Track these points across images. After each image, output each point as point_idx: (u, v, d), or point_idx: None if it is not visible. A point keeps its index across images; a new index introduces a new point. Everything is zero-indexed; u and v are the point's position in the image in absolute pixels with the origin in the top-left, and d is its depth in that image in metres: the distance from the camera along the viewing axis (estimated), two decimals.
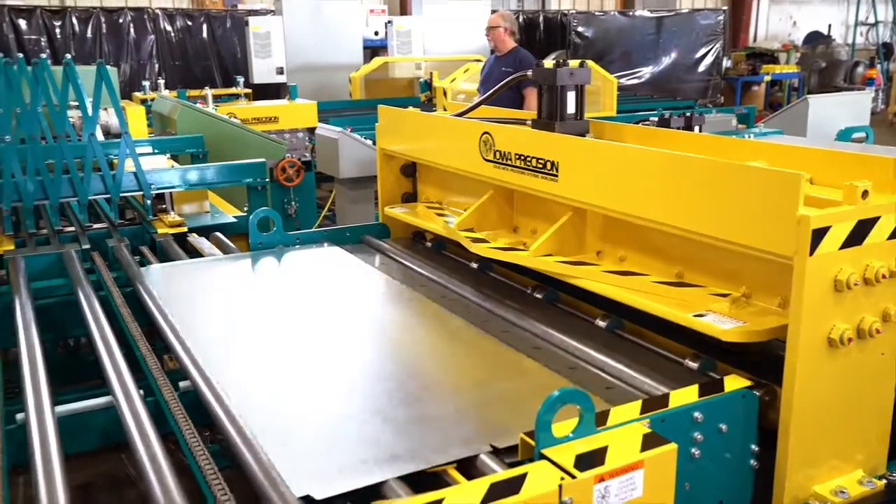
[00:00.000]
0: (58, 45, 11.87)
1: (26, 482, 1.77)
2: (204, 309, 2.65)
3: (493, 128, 2.75)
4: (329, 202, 6.72)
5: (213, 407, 1.85)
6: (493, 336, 2.32)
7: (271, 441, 1.67)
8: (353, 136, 5.67)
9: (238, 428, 1.71)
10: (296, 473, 1.54)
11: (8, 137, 3.40)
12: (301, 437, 1.75)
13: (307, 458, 1.65)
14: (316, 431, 1.77)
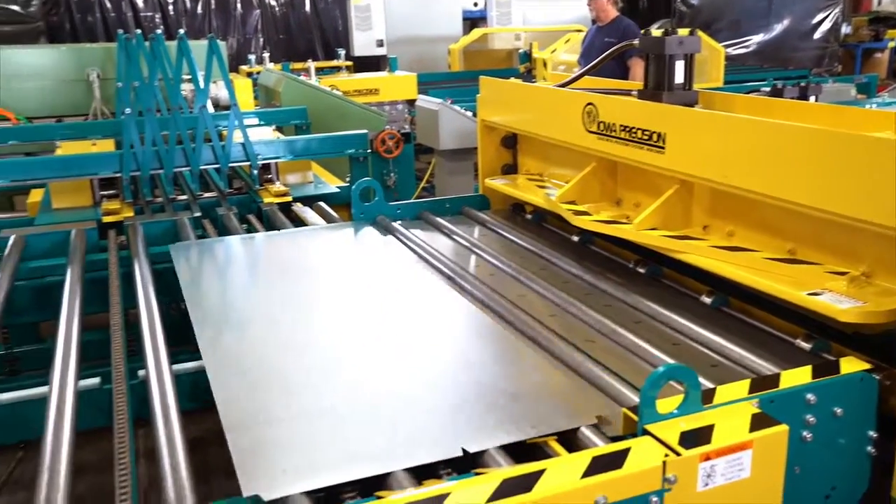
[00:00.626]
0: (170, 22, 12.32)
1: (146, 434, 1.88)
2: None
3: (598, 98, 2.69)
4: (427, 174, 6.77)
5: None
6: (596, 310, 2.29)
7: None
8: (454, 108, 5.67)
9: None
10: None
11: (128, 110, 3.57)
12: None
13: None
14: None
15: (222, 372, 1.90)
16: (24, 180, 3.59)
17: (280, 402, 1.76)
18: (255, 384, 1.85)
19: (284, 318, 2.29)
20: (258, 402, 1.76)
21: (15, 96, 5.66)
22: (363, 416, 1.69)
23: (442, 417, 1.68)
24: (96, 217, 3.37)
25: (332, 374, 1.90)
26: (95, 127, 4.96)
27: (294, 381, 1.87)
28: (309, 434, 1.62)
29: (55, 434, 1.63)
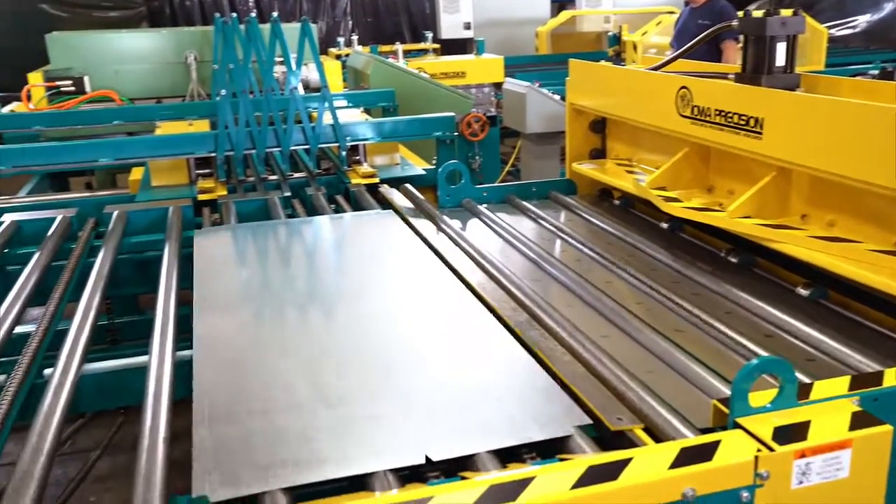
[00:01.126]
0: (263, 6, 12.58)
1: None
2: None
3: (692, 82, 2.62)
4: (512, 157, 6.73)
5: None
6: (685, 299, 2.23)
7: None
8: (541, 91, 5.62)
9: None
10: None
11: (223, 92, 3.67)
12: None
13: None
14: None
15: (208, 361, 1.88)
16: (126, 159, 3.74)
17: (258, 397, 1.70)
18: (238, 376, 1.81)
19: (292, 310, 2.22)
20: (235, 396, 1.71)
21: (120, 78, 5.90)
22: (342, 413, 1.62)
23: (422, 420, 1.60)
24: (192, 195, 3.48)
25: (325, 371, 1.82)
26: (192, 108, 5.13)
27: (281, 376, 1.79)
28: (279, 432, 1.56)
29: (154, 402, 1.70)
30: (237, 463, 1.46)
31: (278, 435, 1.55)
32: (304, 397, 1.70)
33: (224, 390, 1.74)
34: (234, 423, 1.60)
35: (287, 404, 1.67)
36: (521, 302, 2.21)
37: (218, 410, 1.65)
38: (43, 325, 2.23)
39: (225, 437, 1.55)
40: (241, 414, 1.64)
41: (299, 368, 1.84)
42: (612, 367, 1.80)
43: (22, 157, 3.61)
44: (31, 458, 1.50)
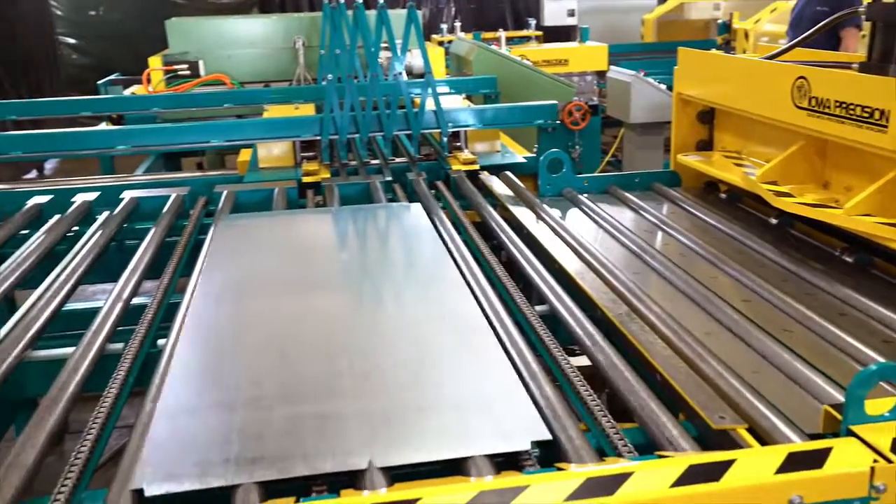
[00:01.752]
0: None
1: None
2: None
3: (811, 72, 2.50)
4: (613, 147, 6.61)
5: (502, 337, 1.93)
6: (795, 299, 2.15)
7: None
8: (646, 80, 5.49)
9: (526, 362, 1.77)
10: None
11: (329, 76, 3.74)
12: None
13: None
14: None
15: (190, 349, 1.87)
16: (235, 140, 3.87)
17: (225, 390, 1.66)
18: (212, 366, 1.80)
19: (286, 302, 2.16)
20: (201, 388, 1.69)
21: (232, 62, 6.11)
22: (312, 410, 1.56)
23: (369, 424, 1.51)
24: (297, 177, 3.57)
25: (304, 365, 1.77)
26: (298, 92, 5.27)
27: (252, 371, 1.75)
28: (237, 427, 1.51)
29: None
30: (180, 458, 1.42)
31: (230, 431, 1.50)
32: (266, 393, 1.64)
33: (193, 383, 1.72)
34: (192, 415, 1.57)
35: (249, 399, 1.62)
36: (621, 294, 2.17)
37: (180, 401, 1.63)
38: (157, 298, 2.34)
39: (180, 428, 1.52)
40: (202, 407, 1.60)
41: (273, 362, 1.79)
42: (716, 364, 1.75)
43: (141, 138, 3.80)
44: (146, 421, 1.58)
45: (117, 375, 1.85)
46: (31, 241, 2.85)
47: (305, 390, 1.66)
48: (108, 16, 11.48)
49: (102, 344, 2.02)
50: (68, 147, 3.77)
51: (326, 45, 4.01)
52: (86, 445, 1.53)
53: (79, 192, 3.45)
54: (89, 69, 10.85)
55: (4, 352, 1.95)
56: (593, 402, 1.65)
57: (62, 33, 11.48)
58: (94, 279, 2.90)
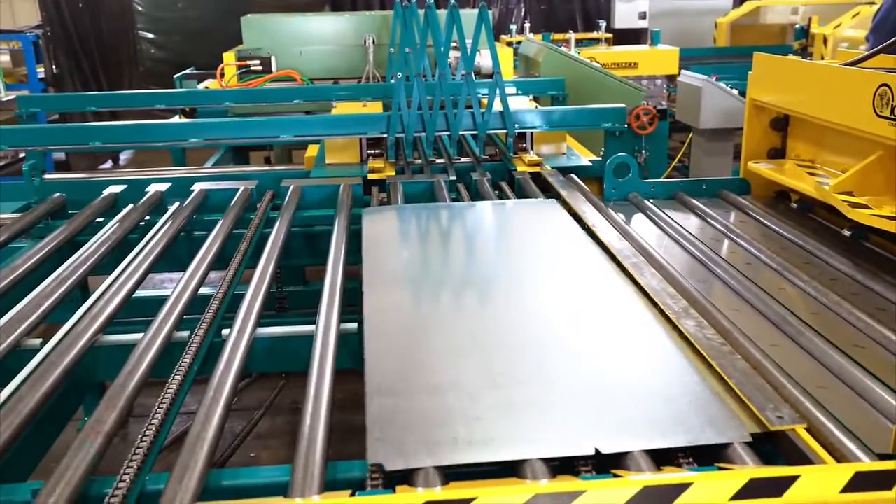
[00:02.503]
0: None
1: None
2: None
3: (894, 79, 2.41)
4: (680, 153, 6.50)
5: None
6: (867, 313, 2.07)
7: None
8: (718, 85, 5.38)
9: None
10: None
11: (399, 74, 3.77)
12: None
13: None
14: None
15: (379, 335, 1.92)
16: (303, 136, 3.93)
17: (426, 374, 1.73)
18: (407, 352, 1.85)
19: (452, 291, 2.26)
20: (406, 371, 1.75)
21: (303, 59, 6.21)
22: (508, 397, 1.62)
23: (584, 411, 1.57)
24: (362, 174, 3.61)
25: (484, 350, 1.84)
26: (367, 90, 5.32)
27: (445, 355, 1.83)
28: (446, 409, 1.59)
29: (319, 369, 1.79)
30: (405, 436, 1.49)
31: (444, 412, 1.57)
32: (468, 377, 1.71)
33: (393, 364, 1.78)
34: (401, 396, 1.64)
35: (452, 383, 1.69)
36: (687, 301, 2.13)
37: (387, 383, 1.69)
38: (223, 289, 2.40)
39: (394, 409, 1.59)
40: (408, 388, 1.68)
41: (462, 348, 1.86)
42: (780, 376, 1.70)
43: (212, 131, 3.89)
44: (210, 408, 1.62)
45: (182, 363, 1.90)
46: (105, 230, 2.95)
47: (506, 378, 1.71)
48: (186, 12, 11.79)
49: (169, 332, 2.07)
50: (142, 139, 3.89)
51: (396, 43, 4.05)
52: (151, 430, 1.58)
53: (152, 183, 3.56)
54: (166, 63, 11.16)
55: (77, 336, 2.02)
56: None
57: (142, 28, 11.84)
58: (163, 268, 2.99)
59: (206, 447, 1.48)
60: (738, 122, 3.49)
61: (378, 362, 1.78)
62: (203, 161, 5.34)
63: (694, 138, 5.87)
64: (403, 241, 2.73)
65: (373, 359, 1.80)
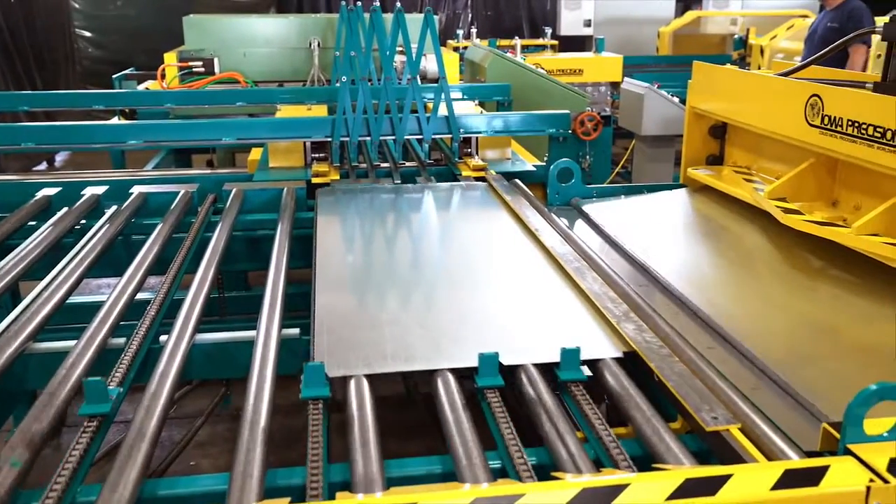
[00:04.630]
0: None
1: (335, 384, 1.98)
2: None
3: (825, 90, 2.49)
4: (623, 159, 6.60)
5: None
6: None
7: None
8: (660, 93, 5.48)
9: (527, 370, 1.77)
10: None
11: (344, 78, 3.75)
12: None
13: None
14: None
15: (327, 287, 2.31)
16: (246, 139, 3.88)
17: (367, 314, 2.15)
18: (352, 298, 2.27)
19: (391, 253, 2.74)
20: (349, 313, 2.14)
21: (247, 61, 6.12)
22: (429, 329, 2.04)
23: (489, 340, 1.96)
24: (306, 178, 3.58)
25: (416, 299, 2.29)
26: (311, 93, 5.28)
27: (385, 300, 2.27)
28: (381, 338, 1.97)
29: (259, 376, 1.76)
30: (347, 356, 1.86)
31: (380, 340, 1.96)
32: (402, 317, 2.12)
33: (339, 307, 2.17)
34: (346, 330, 2.02)
35: (388, 320, 2.08)
36: (628, 305, 2.16)
37: (333, 321, 2.06)
38: (161, 294, 2.35)
39: (338, 339, 1.96)
40: (351, 324, 2.06)
41: (399, 296, 2.31)
42: (716, 378, 1.74)
43: (153, 133, 3.81)
44: (145, 417, 1.59)
45: (118, 370, 1.85)
46: (38, 233, 2.86)
47: (431, 317, 2.13)
48: (125, 10, 11.55)
49: (104, 338, 2.02)
50: (80, 140, 3.79)
51: (342, 46, 4.02)
52: (84, 439, 1.53)
53: (88, 186, 3.46)
54: (105, 63, 10.93)
55: (6, 343, 1.96)
56: (592, 411, 1.65)
57: (79, 26, 11.56)
58: (100, 273, 2.91)
59: (140, 456, 1.45)
60: (679, 129, 3.57)
61: (324, 307, 2.15)
62: (143, 164, 5.23)
63: (636, 145, 5.97)
64: (353, 214, 3.04)
65: (321, 304, 2.16)
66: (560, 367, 1.79)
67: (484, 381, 1.74)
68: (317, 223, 2.89)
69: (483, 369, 1.75)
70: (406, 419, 3.70)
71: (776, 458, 1.45)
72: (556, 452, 1.50)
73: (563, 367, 1.79)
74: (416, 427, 3.61)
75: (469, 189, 3.45)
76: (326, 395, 1.69)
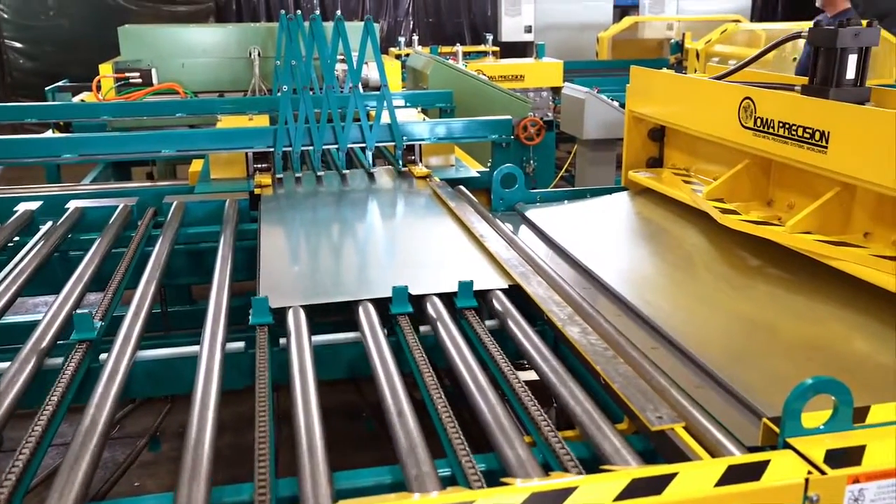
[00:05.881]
0: (327, 3, 12.76)
1: (281, 398, 1.97)
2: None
3: (756, 93, 2.56)
4: (567, 163, 6.69)
5: (450, 352, 1.94)
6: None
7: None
8: (600, 97, 5.57)
9: (475, 377, 1.78)
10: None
11: (285, 87, 3.72)
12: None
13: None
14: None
15: (270, 253, 2.70)
16: (187, 151, 3.82)
17: (306, 265, 2.65)
18: (292, 253, 2.76)
19: (328, 224, 3.13)
20: (286, 268, 2.60)
21: (185, 71, 6.03)
22: (353, 274, 2.59)
23: (402, 277, 2.37)
24: (249, 188, 3.54)
25: (347, 254, 2.82)
26: (253, 103, 5.22)
27: (321, 255, 2.78)
28: (318, 279, 2.49)
29: (204, 392, 1.73)
30: (287, 291, 2.31)
31: (316, 281, 2.47)
32: (335, 266, 2.65)
33: (279, 267, 2.58)
34: (287, 275, 2.51)
35: (325, 270, 2.60)
36: (573, 308, 2.19)
37: (277, 267, 2.56)
38: (101, 311, 2.29)
39: (280, 280, 2.44)
40: (293, 271, 2.58)
41: (337, 253, 2.81)
42: (660, 378, 1.77)
43: (89, 146, 3.72)
44: (84, 439, 1.54)
45: (55, 391, 1.79)
46: None
47: (357, 266, 2.70)
48: (57, 20, 11.26)
49: (40, 358, 1.96)
50: (12, 154, 3.68)
51: (282, 55, 3.99)
52: (18, 464, 1.48)
53: (21, 202, 3.36)
54: (37, 75, 10.64)
55: None
56: (539, 415, 1.66)
57: (9, 37, 11.23)
58: (35, 291, 2.83)
59: (79, 479, 1.41)
60: (620, 132, 3.63)
61: (269, 259, 2.61)
62: (81, 179, 5.10)
63: (579, 149, 6.06)
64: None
65: (266, 259, 2.61)
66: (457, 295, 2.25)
67: (396, 308, 2.19)
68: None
69: (396, 299, 2.21)
70: (356, 431, 3.68)
71: (720, 454, 1.48)
72: (505, 458, 1.51)
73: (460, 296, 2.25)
74: (366, 439, 3.60)
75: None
76: (271, 322, 2.10)
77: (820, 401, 1.40)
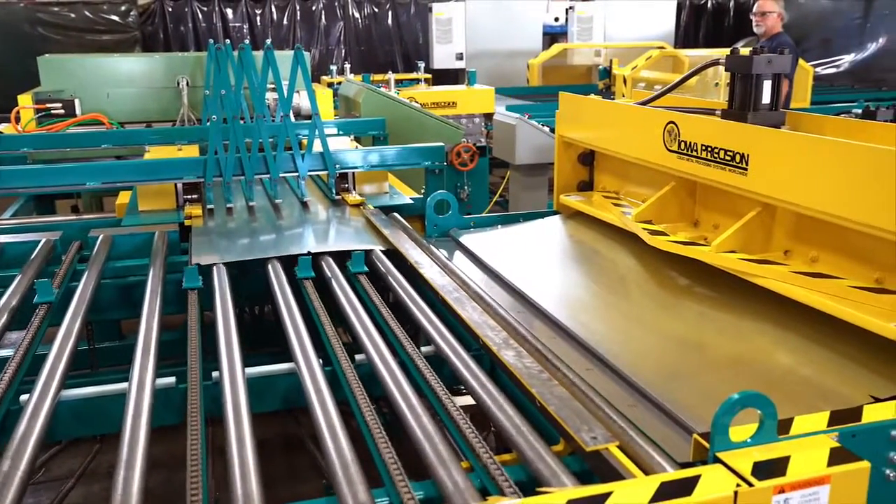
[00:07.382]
0: (257, 32, 12.69)
1: (216, 433, 1.93)
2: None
3: (679, 117, 2.65)
4: (501, 188, 6.76)
5: (386, 380, 1.93)
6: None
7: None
8: (531, 123, 5.66)
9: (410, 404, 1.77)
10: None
11: (214, 117, 3.67)
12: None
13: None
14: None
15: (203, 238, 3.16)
16: (113, 182, 3.72)
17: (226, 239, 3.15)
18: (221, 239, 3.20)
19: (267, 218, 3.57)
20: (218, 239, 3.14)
21: (111, 102, 5.90)
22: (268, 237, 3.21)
23: (308, 243, 3.01)
24: (179, 220, 3.47)
25: (268, 229, 3.38)
26: (182, 133, 5.13)
27: (244, 234, 3.29)
28: (240, 245, 3.08)
29: (132, 430, 1.68)
30: (214, 252, 2.93)
31: (239, 247, 3.04)
32: (257, 242, 3.17)
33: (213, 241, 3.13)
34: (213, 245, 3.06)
35: (246, 245, 3.12)
36: (507, 332, 2.20)
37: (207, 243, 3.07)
38: (21, 350, 2.20)
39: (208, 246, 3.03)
40: (219, 243, 3.12)
41: (259, 232, 3.33)
42: (593, 395, 1.79)
43: (7, 180, 3.59)
44: (2, 486, 1.48)
45: None
46: None
47: (276, 240, 3.23)
48: None
49: None
50: None
51: (211, 85, 3.94)
52: None
53: None
54: None
55: None
56: (476, 440, 1.66)
57: None
58: None
59: None
60: (551, 157, 3.68)
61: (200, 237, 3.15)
62: (1, 212, 4.92)
63: (511, 174, 6.14)
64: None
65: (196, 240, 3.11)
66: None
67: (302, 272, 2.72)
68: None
69: (301, 265, 2.73)
70: (297, 461, 3.62)
71: (653, 471, 1.51)
72: (443, 484, 1.50)
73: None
74: (306, 469, 3.54)
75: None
76: (200, 286, 2.65)
77: (747, 414, 1.44)
